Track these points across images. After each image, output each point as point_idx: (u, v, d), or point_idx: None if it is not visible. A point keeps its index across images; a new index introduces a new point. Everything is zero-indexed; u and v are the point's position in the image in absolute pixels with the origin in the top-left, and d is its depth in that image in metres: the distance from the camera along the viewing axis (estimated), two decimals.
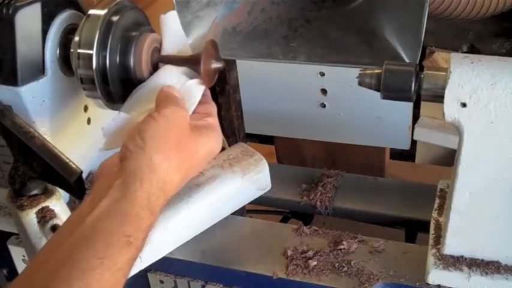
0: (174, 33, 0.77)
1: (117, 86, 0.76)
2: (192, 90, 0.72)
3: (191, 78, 0.74)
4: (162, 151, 0.62)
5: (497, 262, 0.77)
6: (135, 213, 0.58)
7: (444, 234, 0.78)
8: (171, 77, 0.73)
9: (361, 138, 1.24)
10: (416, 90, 0.73)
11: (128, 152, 0.62)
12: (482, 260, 0.78)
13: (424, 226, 0.91)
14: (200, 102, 0.72)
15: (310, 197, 1.06)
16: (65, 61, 0.84)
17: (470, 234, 0.77)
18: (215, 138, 0.69)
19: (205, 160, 0.68)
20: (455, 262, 0.78)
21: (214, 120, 0.72)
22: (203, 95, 0.73)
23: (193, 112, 0.71)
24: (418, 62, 0.85)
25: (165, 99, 0.68)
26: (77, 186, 0.73)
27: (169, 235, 0.89)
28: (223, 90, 1.23)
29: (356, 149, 1.28)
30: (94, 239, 0.56)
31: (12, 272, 1.04)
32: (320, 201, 1.05)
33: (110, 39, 0.73)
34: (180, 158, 0.64)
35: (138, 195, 0.59)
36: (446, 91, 0.70)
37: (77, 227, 0.57)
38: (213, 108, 0.74)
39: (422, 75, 0.73)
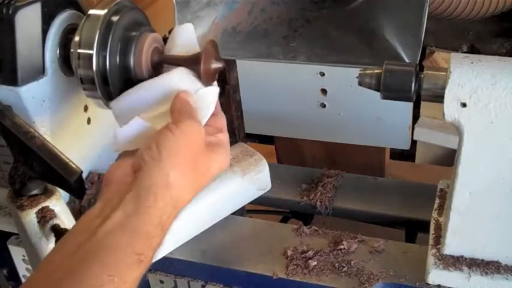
0: (187, 44, 0.76)
1: (117, 86, 0.76)
2: (206, 99, 0.71)
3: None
4: (178, 167, 0.60)
5: (497, 262, 0.77)
6: (146, 231, 0.57)
7: (444, 234, 0.78)
8: (185, 80, 0.72)
9: (361, 138, 1.24)
10: (416, 90, 0.73)
11: (142, 162, 0.60)
12: (482, 260, 0.78)
13: (424, 226, 0.91)
14: (212, 114, 0.71)
15: (310, 197, 1.06)
16: (65, 61, 0.84)
17: (470, 234, 0.77)
18: (225, 155, 0.68)
19: (214, 176, 0.67)
20: (455, 262, 0.78)
21: (225, 137, 0.70)
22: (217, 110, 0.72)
23: (205, 124, 0.70)
24: (418, 62, 0.85)
25: (180, 109, 0.66)
26: (77, 186, 0.73)
27: (170, 235, 0.88)
28: (223, 90, 1.23)
29: (356, 149, 1.28)
30: (104, 254, 0.54)
31: (12, 272, 1.04)
32: (320, 201, 1.05)
33: (110, 39, 0.73)
34: (194, 175, 0.62)
35: (151, 212, 0.58)
36: (446, 91, 0.70)
37: (86, 238, 0.56)
38: (223, 120, 0.72)
39: (422, 75, 0.73)
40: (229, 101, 1.25)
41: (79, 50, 0.74)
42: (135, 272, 0.55)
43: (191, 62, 0.74)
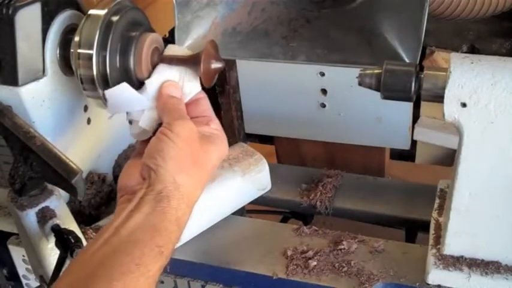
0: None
1: None
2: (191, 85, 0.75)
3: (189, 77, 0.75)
4: (182, 169, 0.66)
5: (497, 262, 0.77)
6: (165, 227, 0.63)
7: (444, 234, 0.78)
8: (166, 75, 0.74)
9: (361, 138, 1.24)
10: (416, 90, 0.73)
11: (150, 170, 0.65)
12: (482, 260, 0.78)
13: (424, 226, 0.91)
14: (198, 104, 0.75)
15: (310, 197, 1.06)
16: (65, 61, 0.84)
17: (470, 234, 0.77)
18: (223, 143, 0.72)
19: (217, 166, 0.71)
20: (455, 262, 0.78)
21: (217, 126, 0.74)
22: (200, 98, 0.75)
23: (194, 117, 0.72)
24: (418, 62, 0.85)
25: (169, 110, 0.70)
26: (77, 186, 0.73)
27: None
28: (223, 90, 1.23)
29: (356, 149, 1.28)
30: (130, 247, 0.60)
31: (12, 272, 1.04)
32: (320, 201, 1.05)
33: (110, 39, 0.73)
34: (198, 171, 0.67)
35: (167, 211, 0.63)
36: (446, 91, 0.70)
37: (111, 237, 0.61)
38: (208, 105, 0.76)
39: (422, 75, 0.73)
40: (229, 101, 1.25)
41: (79, 50, 0.74)
42: (158, 262, 0.61)
43: (191, 62, 0.74)
